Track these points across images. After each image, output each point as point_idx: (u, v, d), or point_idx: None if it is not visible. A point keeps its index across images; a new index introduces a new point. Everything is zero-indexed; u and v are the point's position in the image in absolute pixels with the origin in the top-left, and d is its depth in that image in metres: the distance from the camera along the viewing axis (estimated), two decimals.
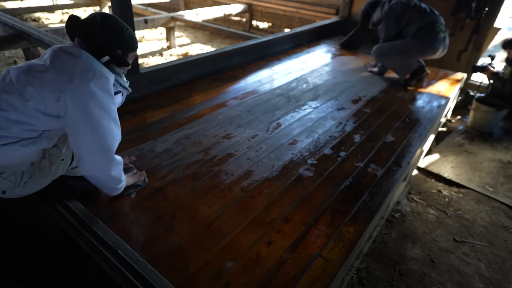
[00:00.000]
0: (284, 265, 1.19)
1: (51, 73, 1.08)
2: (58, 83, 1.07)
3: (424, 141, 2.20)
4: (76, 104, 1.08)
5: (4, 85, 1.10)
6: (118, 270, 1.11)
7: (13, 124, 1.09)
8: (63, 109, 1.08)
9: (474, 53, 4.12)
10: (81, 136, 1.12)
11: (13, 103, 1.08)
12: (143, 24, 4.66)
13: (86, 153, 1.15)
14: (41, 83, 1.07)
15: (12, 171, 1.15)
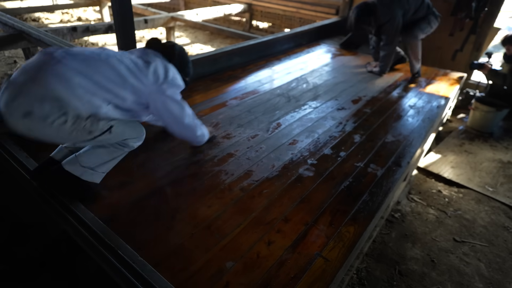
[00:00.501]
0: (284, 265, 1.19)
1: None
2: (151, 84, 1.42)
3: (424, 141, 2.20)
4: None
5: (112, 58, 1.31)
6: (118, 270, 1.11)
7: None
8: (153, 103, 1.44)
9: (474, 52, 4.12)
10: (168, 121, 1.57)
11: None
12: (143, 24, 4.66)
13: (177, 132, 1.65)
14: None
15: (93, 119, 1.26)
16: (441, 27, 4.10)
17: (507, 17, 8.23)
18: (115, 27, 2.11)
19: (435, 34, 3.36)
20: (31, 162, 1.55)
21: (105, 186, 1.49)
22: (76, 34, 4.00)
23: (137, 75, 1.35)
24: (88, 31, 4.11)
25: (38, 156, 1.61)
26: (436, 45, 4.37)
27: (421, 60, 3.22)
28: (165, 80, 1.44)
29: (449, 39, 4.04)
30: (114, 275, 1.15)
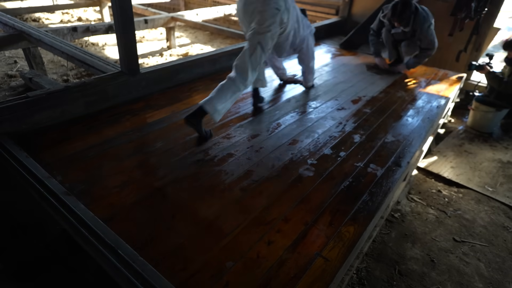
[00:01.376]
0: (284, 265, 1.19)
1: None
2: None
3: (424, 141, 2.20)
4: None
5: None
6: (118, 270, 1.11)
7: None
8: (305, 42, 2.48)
9: (474, 53, 4.12)
10: (309, 54, 2.58)
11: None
12: (143, 24, 4.66)
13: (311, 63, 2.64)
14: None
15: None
16: (441, 28, 4.10)
17: (507, 17, 8.23)
18: (115, 27, 2.12)
19: (435, 34, 3.35)
20: (31, 162, 1.55)
21: (105, 186, 1.50)
22: (76, 34, 4.00)
23: (300, 23, 2.28)
24: (89, 31, 4.12)
25: (38, 156, 1.61)
26: None
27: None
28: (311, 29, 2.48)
29: (449, 40, 4.04)
30: (114, 275, 1.15)
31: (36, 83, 3.05)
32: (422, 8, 2.92)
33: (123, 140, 1.85)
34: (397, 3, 2.83)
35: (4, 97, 3.36)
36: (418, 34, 3.00)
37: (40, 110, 1.85)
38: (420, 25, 2.92)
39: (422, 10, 2.92)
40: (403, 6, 2.81)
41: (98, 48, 5.13)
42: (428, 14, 2.92)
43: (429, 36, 2.98)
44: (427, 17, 2.92)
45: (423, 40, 3.02)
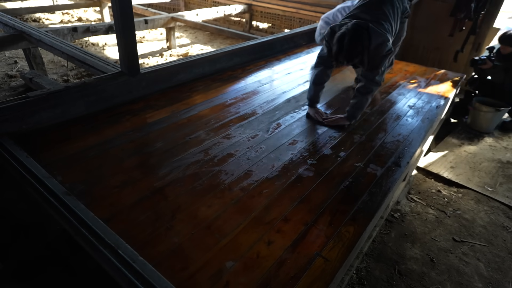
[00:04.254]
0: (284, 265, 1.19)
1: None
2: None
3: (424, 141, 2.20)
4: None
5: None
6: (118, 270, 1.11)
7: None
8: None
9: (473, 53, 4.12)
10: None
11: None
12: (143, 25, 4.66)
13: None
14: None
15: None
16: (441, 28, 4.12)
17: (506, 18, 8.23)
18: (116, 28, 2.12)
19: (435, 34, 3.36)
20: (31, 162, 1.55)
21: (105, 186, 1.50)
22: (76, 35, 4.01)
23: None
24: (89, 31, 4.12)
25: (38, 156, 1.61)
26: (436, 46, 4.38)
27: None
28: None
29: (448, 40, 4.05)
30: (114, 275, 1.15)
31: (36, 83, 3.05)
32: (377, 30, 1.89)
33: (123, 140, 1.85)
34: (344, 35, 1.80)
35: (4, 97, 3.37)
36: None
37: (40, 110, 1.85)
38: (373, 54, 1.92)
39: (378, 32, 1.88)
40: (354, 39, 1.79)
41: (98, 48, 5.14)
42: (384, 37, 1.89)
43: (377, 61, 1.95)
44: (384, 40, 1.88)
45: (368, 63, 1.92)
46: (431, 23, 4.27)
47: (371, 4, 2.07)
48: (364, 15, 1.98)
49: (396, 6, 2.12)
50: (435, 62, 4.35)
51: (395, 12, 2.11)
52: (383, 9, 2.03)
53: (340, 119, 2.18)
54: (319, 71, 2.20)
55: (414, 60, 4.06)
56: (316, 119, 2.22)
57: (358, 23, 1.85)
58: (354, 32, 1.80)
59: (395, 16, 2.10)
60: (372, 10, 2.02)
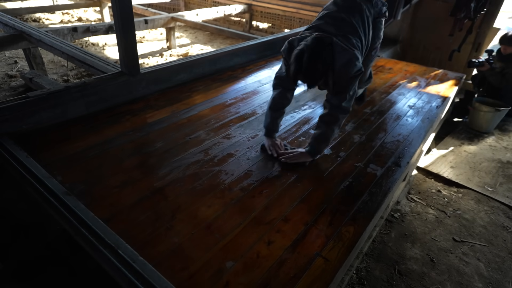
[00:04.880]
0: (284, 265, 1.19)
1: None
2: None
3: (424, 141, 2.20)
4: None
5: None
6: (118, 270, 1.11)
7: None
8: None
9: (473, 53, 4.13)
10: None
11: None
12: (143, 25, 4.66)
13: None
14: None
15: None
16: (441, 28, 4.12)
17: (506, 18, 8.23)
18: (116, 28, 2.12)
19: (435, 34, 3.35)
20: (31, 162, 1.55)
21: (105, 186, 1.50)
22: (76, 35, 4.01)
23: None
24: (89, 31, 4.12)
25: (38, 156, 1.61)
26: (436, 46, 4.38)
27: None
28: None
29: (448, 40, 4.05)
30: (114, 275, 1.15)
31: (36, 83, 3.05)
32: (342, 46, 1.55)
33: (123, 140, 1.85)
34: (303, 51, 1.46)
35: (4, 97, 3.37)
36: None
37: (40, 110, 1.85)
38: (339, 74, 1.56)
39: (344, 49, 1.54)
40: (314, 57, 1.46)
41: (98, 48, 5.14)
42: (351, 54, 1.56)
43: (343, 84, 1.59)
44: (351, 59, 1.54)
45: (334, 86, 1.60)
46: (431, 23, 4.27)
47: (336, 15, 1.73)
48: (328, 27, 1.65)
49: (366, 14, 1.81)
50: (435, 62, 4.35)
51: (366, 22, 1.80)
52: (351, 20, 1.71)
53: (300, 155, 1.74)
54: (277, 94, 1.81)
55: (414, 60, 4.06)
56: (271, 153, 1.79)
57: (320, 37, 1.52)
58: (314, 49, 1.46)
59: (366, 27, 1.80)
60: (337, 22, 1.68)
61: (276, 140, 1.86)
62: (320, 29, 1.64)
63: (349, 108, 1.68)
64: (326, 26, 1.66)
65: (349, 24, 1.70)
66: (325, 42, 1.51)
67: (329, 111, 1.68)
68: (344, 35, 1.63)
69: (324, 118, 1.70)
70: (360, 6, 1.80)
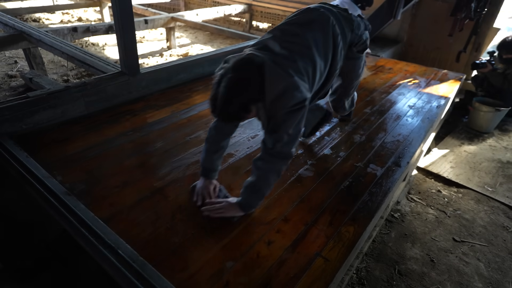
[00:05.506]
0: (284, 265, 1.19)
1: None
2: None
3: (424, 141, 2.20)
4: None
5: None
6: (118, 270, 1.11)
7: None
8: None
9: (473, 53, 4.12)
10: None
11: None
12: (143, 25, 4.66)
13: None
14: None
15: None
16: (441, 28, 4.12)
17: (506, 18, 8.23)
18: (116, 28, 2.12)
19: (435, 34, 3.35)
20: (31, 162, 1.55)
21: (105, 186, 1.50)
22: (76, 35, 4.01)
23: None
24: (89, 31, 4.12)
25: (38, 156, 1.61)
26: (436, 46, 4.38)
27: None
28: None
29: (448, 40, 4.05)
30: (114, 275, 1.15)
31: (36, 83, 3.05)
32: (278, 71, 1.20)
33: (123, 140, 1.85)
34: (222, 77, 1.14)
35: (4, 97, 3.37)
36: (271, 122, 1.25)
37: (41, 110, 1.85)
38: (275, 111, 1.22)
39: (278, 74, 1.20)
40: (233, 84, 1.12)
41: (98, 48, 5.14)
42: (288, 82, 1.20)
43: (279, 120, 1.21)
44: (288, 88, 1.19)
45: (268, 123, 1.25)
46: (431, 23, 4.27)
47: (289, 28, 1.38)
48: (273, 43, 1.28)
49: (333, 33, 1.42)
50: (435, 62, 4.35)
51: (330, 43, 1.41)
52: (306, 37, 1.34)
53: (229, 206, 1.35)
54: (213, 124, 1.47)
55: (414, 60, 4.06)
56: (195, 199, 1.43)
57: (248, 58, 1.18)
58: (236, 73, 1.13)
59: (328, 49, 1.41)
60: (287, 37, 1.32)
61: (212, 183, 1.46)
62: (264, 45, 1.29)
63: (288, 152, 1.27)
64: (272, 42, 1.30)
65: (302, 41, 1.33)
66: (253, 65, 1.16)
67: (261, 155, 1.30)
68: (288, 55, 1.25)
69: (257, 163, 1.31)
70: (327, 21, 1.42)
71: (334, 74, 1.53)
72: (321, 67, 1.38)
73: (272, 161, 1.28)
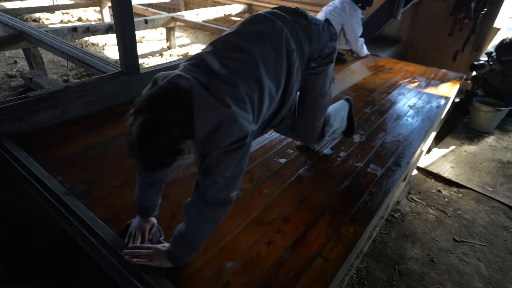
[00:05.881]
0: (284, 265, 1.19)
1: None
2: None
3: (424, 141, 2.20)
4: None
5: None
6: (118, 270, 1.11)
7: None
8: None
9: (474, 53, 4.12)
10: None
11: None
12: (143, 25, 4.66)
13: None
14: None
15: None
16: (441, 28, 4.12)
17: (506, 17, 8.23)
18: (116, 28, 2.12)
19: (435, 34, 3.34)
20: (31, 162, 1.55)
21: (105, 186, 1.50)
22: (76, 35, 4.01)
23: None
24: (89, 31, 4.12)
25: (38, 156, 1.61)
26: (436, 46, 4.38)
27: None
28: None
29: (448, 40, 4.05)
30: (114, 275, 1.15)
31: (36, 83, 3.05)
32: (208, 100, 0.95)
33: (123, 140, 1.85)
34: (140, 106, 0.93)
35: (4, 97, 3.37)
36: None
37: (40, 110, 1.85)
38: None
39: (209, 104, 0.95)
40: (150, 120, 0.89)
41: (98, 48, 5.14)
42: (224, 113, 0.95)
43: (214, 160, 0.99)
44: (222, 120, 0.95)
45: (201, 164, 1.04)
46: (431, 23, 4.27)
47: (233, 40, 1.13)
48: (212, 58, 1.05)
49: (288, 49, 1.18)
50: (435, 62, 4.34)
51: (284, 61, 1.17)
52: (253, 52, 1.09)
53: (157, 255, 1.10)
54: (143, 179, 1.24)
55: (414, 60, 4.06)
56: (126, 241, 1.18)
57: (171, 85, 0.95)
58: (156, 104, 0.90)
59: (281, 68, 1.17)
60: (228, 53, 1.08)
61: (150, 221, 1.21)
62: (201, 60, 1.05)
63: (226, 198, 1.04)
64: (210, 56, 1.06)
65: (247, 59, 1.08)
66: (176, 95, 0.92)
67: (193, 199, 1.07)
68: (227, 77, 1.01)
69: (188, 210, 1.08)
70: (279, 34, 1.17)
71: (289, 99, 1.27)
72: (271, 91, 1.13)
73: (205, 209, 1.04)
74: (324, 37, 1.33)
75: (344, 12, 3.20)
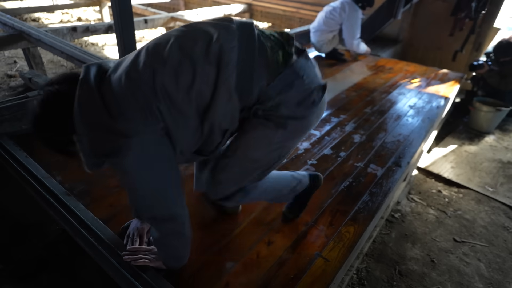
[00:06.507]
0: (284, 265, 1.19)
1: None
2: None
3: (424, 141, 2.20)
4: None
5: None
6: (118, 270, 1.11)
7: None
8: None
9: (474, 53, 4.12)
10: None
11: None
12: (143, 24, 4.65)
13: None
14: None
15: None
16: (441, 28, 4.12)
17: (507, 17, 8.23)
18: (115, 27, 2.11)
19: (435, 34, 3.34)
20: (31, 162, 1.55)
21: (105, 186, 1.49)
22: (76, 34, 4.00)
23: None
24: (88, 31, 4.11)
25: (38, 156, 1.61)
26: (436, 46, 4.38)
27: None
28: None
29: (449, 40, 4.05)
30: (114, 275, 1.15)
31: (35, 83, 3.04)
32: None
33: None
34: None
35: (4, 97, 3.36)
36: None
37: None
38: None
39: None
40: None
41: (98, 48, 5.13)
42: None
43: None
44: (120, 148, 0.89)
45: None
46: (432, 23, 4.27)
47: (158, 52, 0.94)
48: (126, 76, 0.90)
49: (222, 77, 0.91)
50: (436, 62, 4.34)
51: (229, 73, 0.91)
52: (190, 55, 0.90)
53: (155, 256, 1.11)
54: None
55: (414, 60, 4.06)
56: (125, 242, 1.17)
57: (49, 95, 0.92)
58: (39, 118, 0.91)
59: (219, 78, 0.91)
60: (149, 66, 0.90)
61: (147, 223, 1.18)
62: (133, 64, 0.92)
63: (161, 216, 0.96)
64: (135, 63, 0.91)
65: (176, 61, 0.89)
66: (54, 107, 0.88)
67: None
68: (144, 88, 0.87)
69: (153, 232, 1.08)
70: (223, 48, 0.90)
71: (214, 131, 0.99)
72: (192, 108, 0.93)
73: (155, 228, 1.00)
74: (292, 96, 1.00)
75: (343, 11, 3.21)
